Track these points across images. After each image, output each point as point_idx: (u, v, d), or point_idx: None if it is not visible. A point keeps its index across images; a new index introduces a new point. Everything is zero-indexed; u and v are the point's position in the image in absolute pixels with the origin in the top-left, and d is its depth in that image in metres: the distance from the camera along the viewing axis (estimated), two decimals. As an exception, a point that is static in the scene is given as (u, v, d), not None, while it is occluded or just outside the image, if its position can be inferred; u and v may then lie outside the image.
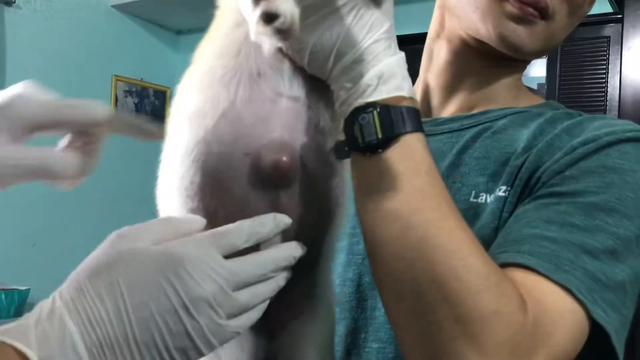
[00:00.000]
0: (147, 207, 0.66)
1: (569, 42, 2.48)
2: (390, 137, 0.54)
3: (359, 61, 0.54)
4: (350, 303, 0.79)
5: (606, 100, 2.56)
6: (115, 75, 3.75)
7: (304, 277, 0.61)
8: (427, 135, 0.80)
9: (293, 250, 0.54)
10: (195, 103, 0.58)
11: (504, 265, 0.59)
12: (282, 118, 0.57)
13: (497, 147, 0.75)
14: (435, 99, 0.86)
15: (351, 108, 0.55)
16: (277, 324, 0.62)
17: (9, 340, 0.42)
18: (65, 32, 3.29)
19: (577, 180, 0.65)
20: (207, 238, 0.49)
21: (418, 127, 0.56)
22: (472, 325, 0.52)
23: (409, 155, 0.55)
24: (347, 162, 0.61)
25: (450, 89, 0.85)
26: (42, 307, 0.45)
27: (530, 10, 0.73)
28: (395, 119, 0.54)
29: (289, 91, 0.58)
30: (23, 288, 3.34)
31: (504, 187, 0.71)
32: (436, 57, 0.85)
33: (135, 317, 0.44)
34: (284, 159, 0.56)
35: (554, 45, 0.80)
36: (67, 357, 0.43)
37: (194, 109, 0.58)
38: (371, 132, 0.54)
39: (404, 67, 0.56)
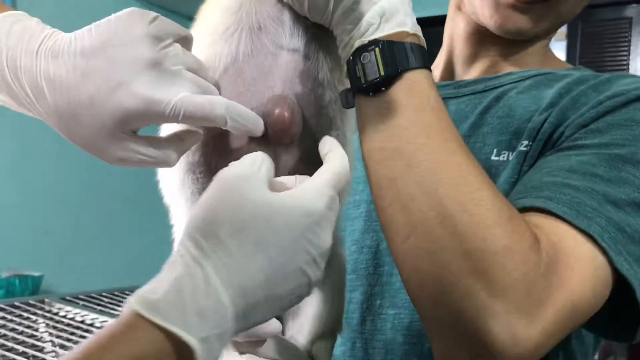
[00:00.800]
0: (159, 192, 0.65)
1: (589, 24, 2.42)
2: (393, 74, 0.52)
3: (359, 1, 0.52)
4: (367, 270, 0.79)
5: (627, 83, 2.49)
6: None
7: None
8: (450, 98, 0.82)
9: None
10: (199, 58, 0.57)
11: (521, 210, 0.56)
12: (283, 72, 0.57)
13: (521, 105, 0.74)
14: (458, 66, 0.86)
15: (353, 49, 0.53)
16: None
17: (170, 327, 0.38)
18: (75, 18, 3.28)
19: (602, 133, 0.63)
20: (326, 184, 0.48)
21: (423, 64, 0.54)
22: (481, 261, 0.49)
23: (413, 92, 0.53)
24: (348, 117, 0.60)
25: (473, 55, 0.84)
26: (189, 268, 0.41)
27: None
28: (398, 56, 0.52)
29: (289, 43, 0.57)
30: (37, 274, 3.36)
31: (525, 142, 0.70)
32: (457, 28, 0.85)
33: (282, 275, 0.44)
34: (286, 114, 0.55)
35: (564, 22, 0.80)
36: (224, 341, 0.41)
37: None
38: (373, 70, 0.52)
39: (407, 3, 0.54)
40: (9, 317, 1.43)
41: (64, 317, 1.47)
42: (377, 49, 0.53)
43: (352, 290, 0.79)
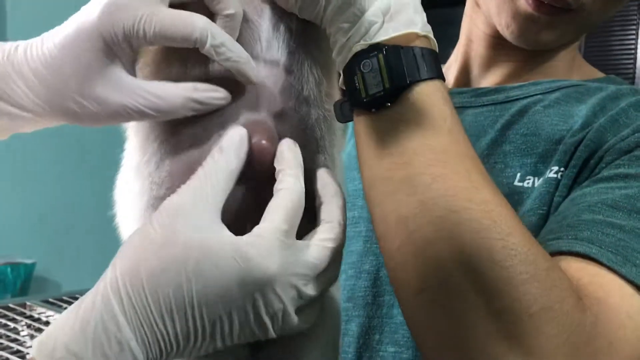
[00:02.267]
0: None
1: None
2: (400, 87, 0.44)
3: None
4: (365, 299, 0.69)
5: (635, 69, 2.41)
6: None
7: None
8: (466, 108, 0.72)
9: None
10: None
11: (555, 254, 0.48)
12: (259, 89, 0.47)
13: (548, 123, 0.64)
14: (475, 69, 0.75)
15: (351, 54, 0.45)
16: None
17: None
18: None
19: None
20: (279, 230, 0.41)
21: (436, 73, 0.45)
22: (515, 324, 0.40)
23: (425, 109, 0.44)
24: (336, 135, 0.52)
25: (492, 60, 0.74)
26: (96, 305, 0.38)
27: (547, 9, 0.63)
28: (406, 64, 0.43)
29: (266, 53, 0.47)
30: (29, 262, 3.30)
31: (555, 168, 0.60)
32: (475, 27, 0.74)
33: (207, 333, 0.39)
34: (264, 143, 0.46)
35: (590, 29, 0.70)
36: None
37: None
38: (376, 82, 0.44)
39: None
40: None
41: (46, 322, 1.41)
42: (380, 56, 0.43)
43: (347, 320, 0.70)
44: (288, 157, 0.44)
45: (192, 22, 0.42)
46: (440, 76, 0.45)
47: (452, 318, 0.42)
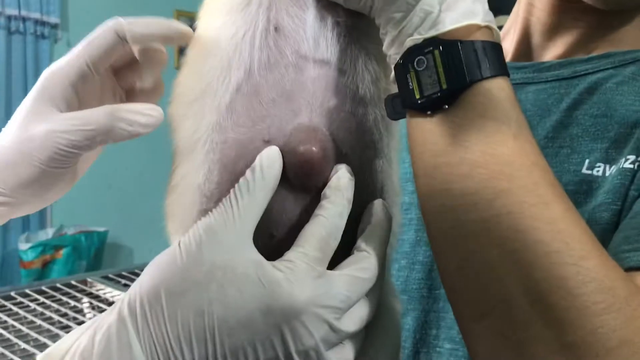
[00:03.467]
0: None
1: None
2: (459, 87, 0.39)
3: None
4: (420, 291, 0.65)
5: None
6: (177, 10, 3.64)
7: None
8: (528, 84, 0.64)
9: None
10: (202, 79, 0.44)
11: (632, 269, 0.43)
12: (309, 92, 0.43)
13: (622, 102, 0.56)
14: (536, 36, 0.67)
15: (404, 49, 0.40)
16: None
17: None
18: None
19: None
20: (311, 257, 0.38)
21: (500, 70, 0.39)
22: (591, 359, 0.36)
23: (488, 112, 0.39)
24: (393, 134, 0.47)
25: (556, 26, 0.65)
26: (110, 329, 0.36)
27: None
28: (466, 61, 0.38)
29: (315, 52, 0.43)
30: (102, 229, 3.42)
31: (632, 157, 0.53)
32: None
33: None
34: (314, 149, 0.42)
35: None
36: None
37: (201, 87, 0.44)
38: (432, 82, 0.39)
39: None
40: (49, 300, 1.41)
41: (106, 299, 1.45)
42: (436, 52, 0.38)
43: (403, 314, 0.66)
44: (338, 185, 0.41)
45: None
46: (505, 72, 0.40)
47: (517, 350, 0.37)
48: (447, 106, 0.39)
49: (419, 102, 0.39)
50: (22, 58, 3.32)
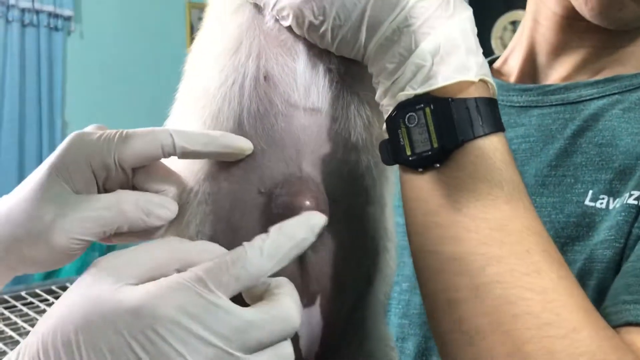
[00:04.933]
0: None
1: None
2: (451, 147, 0.38)
3: (402, 29, 0.38)
4: (421, 317, 0.64)
5: None
6: (190, 2, 3.62)
7: (352, 338, 0.48)
8: (532, 107, 0.63)
9: None
10: (192, 128, 0.43)
11: (631, 325, 0.42)
12: (300, 141, 0.42)
13: (629, 130, 0.55)
14: (542, 55, 0.66)
15: (395, 102, 0.39)
16: None
17: None
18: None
19: None
20: (202, 273, 0.33)
21: (495, 127, 0.38)
22: None
23: (480, 173, 0.38)
24: (388, 179, 0.46)
25: (562, 45, 0.64)
26: None
27: None
28: (458, 119, 0.37)
29: (306, 101, 0.42)
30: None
31: (636, 193, 0.51)
32: (544, 5, 0.64)
33: None
34: (307, 203, 0.41)
35: None
36: None
37: None
38: (423, 139, 0.38)
39: (470, 33, 0.39)
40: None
41: None
42: (427, 110, 0.37)
43: (404, 338, 0.65)
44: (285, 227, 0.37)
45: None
46: (500, 128, 0.38)
47: None
48: (438, 165, 0.38)
49: (410, 159, 0.39)
50: (35, 50, 3.33)
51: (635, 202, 0.51)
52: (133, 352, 0.31)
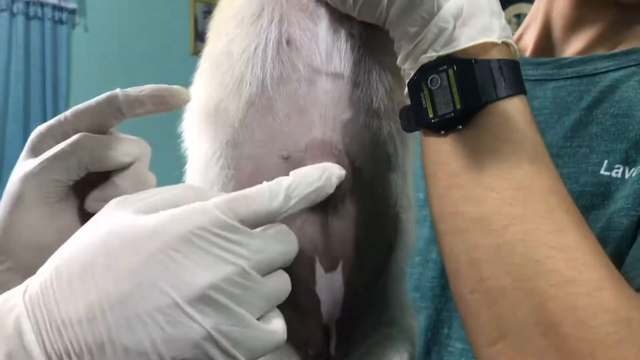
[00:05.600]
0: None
1: None
2: (474, 108, 0.38)
3: None
4: (433, 290, 0.64)
5: None
6: (194, -5, 3.61)
7: (373, 305, 0.48)
8: (548, 81, 0.63)
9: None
10: (214, 95, 0.44)
11: None
12: (322, 106, 0.42)
13: None
14: (558, 30, 0.65)
15: (417, 65, 0.39)
16: None
17: None
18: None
19: None
20: (222, 202, 0.33)
21: (517, 89, 0.38)
22: None
23: (503, 133, 0.38)
24: (409, 147, 0.46)
25: (578, 20, 0.63)
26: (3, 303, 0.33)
27: None
28: (481, 80, 0.37)
29: (328, 65, 0.42)
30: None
31: None
32: None
33: (113, 317, 0.31)
34: None
35: None
36: None
37: (214, 103, 0.44)
38: (446, 101, 0.38)
39: None
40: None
41: None
42: (450, 71, 0.37)
43: (416, 312, 0.66)
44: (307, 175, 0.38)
45: None
46: (522, 91, 0.39)
47: None
48: (461, 127, 0.38)
49: (432, 121, 0.39)
50: (40, 43, 3.33)
51: None
52: (152, 272, 0.31)
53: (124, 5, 3.44)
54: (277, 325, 0.34)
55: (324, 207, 0.42)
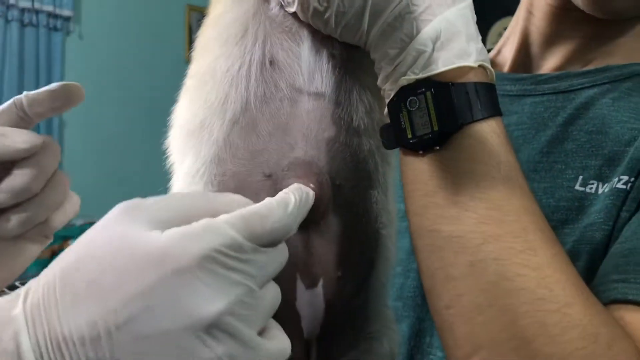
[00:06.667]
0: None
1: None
2: (450, 130, 0.39)
3: (404, 16, 0.39)
4: (415, 299, 0.65)
5: None
6: (189, 5, 3.63)
7: (353, 320, 0.49)
8: (525, 96, 0.64)
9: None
10: (199, 112, 0.45)
11: (619, 302, 0.43)
12: (304, 125, 0.43)
13: (618, 119, 0.56)
14: (535, 46, 0.67)
15: (397, 87, 0.40)
16: None
17: None
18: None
19: None
20: (237, 222, 0.33)
21: (493, 111, 0.40)
22: None
23: (478, 155, 0.39)
24: (390, 164, 0.47)
25: (555, 35, 0.65)
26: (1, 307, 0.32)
27: None
28: (457, 103, 0.38)
29: (310, 85, 0.43)
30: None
31: (625, 177, 0.53)
32: None
33: (119, 339, 0.30)
34: (311, 186, 0.42)
35: None
36: None
37: (199, 120, 0.45)
38: (424, 122, 0.39)
39: (470, 20, 0.40)
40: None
41: None
42: (428, 94, 0.38)
43: (398, 320, 0.67)
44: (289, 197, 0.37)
45: None
46: (498, 113, 0.40)
47: None
48: (438, 147, 0.39)
49: (411, 141, 0.40)
50: (34, 50, 3.34)
51: (624, 187, 0.52)
52: (163, 295, 0.30)
53: (119, 13, 3.45)
54: (282, 342, 0.34)
55: (305, 224, 0.43)
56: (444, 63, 0.38)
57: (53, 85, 0.45)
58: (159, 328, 0.30)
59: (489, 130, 0.39)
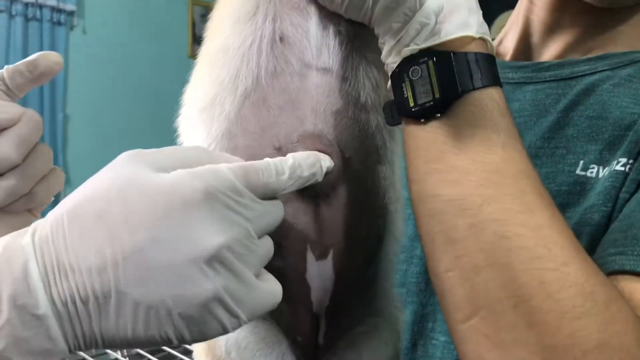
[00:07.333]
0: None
1: None
2: (451, 97, 0.40)
3: None
4: (418, 285, 0.67)
5: None
6: (192, -2, 3.64)
7: (361, 294, 0.50)
8: (527, 84, 0.66)
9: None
10: (211, 89, 0.46)
11: (617, 273, 0.44)
12: (313, 99, 0.44)
13: (618, 104, 0.57)
14: (536, 35, 0.68)
15: (400, 58, 0.41)
16: (329, 349, 0.50)
17: None
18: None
19: None
20: (236, 169, 0.35)
21: (492, 81, 0.41)
22: None
23: (478, 121, 0.40)
24: (397, 140, 0.48)
25: (555, 24, 0.66)
26: (7, 245, 0.32)
27: None
28: (458, 72, 0.40)
29: (318, 60, 0.44)
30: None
31: (624, 160, 0.54)
32: None
33: (125, 268, 0.32)
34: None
35: None
36: (24, 320, 0.31)
37: (211, 95, 0.46)
38: (426, 90, 0.40)
39: None
40: None
41: None
42: (430, 63, 0.39)
43: (402, 307, 0.68)
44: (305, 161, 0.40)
45: None
46: (497, 83, 0.41)
47: (501, 350, 0.38)
48: (439, 115, 0.40)
49: (413, 110, 0.41)
50: (38, 45, 3.34)
51: (623, 169, 0.53)
52: (169, 228, 0.32)
53: (122, 7, 3.46)
54: (274, 285, 0.37)
55: (315, 195, 0.44)
56: (446, 34, 0.39)
57: (32, 56, 0.46)
58: (163, 258, 0.32)
59: (489, 99, 0.40)
